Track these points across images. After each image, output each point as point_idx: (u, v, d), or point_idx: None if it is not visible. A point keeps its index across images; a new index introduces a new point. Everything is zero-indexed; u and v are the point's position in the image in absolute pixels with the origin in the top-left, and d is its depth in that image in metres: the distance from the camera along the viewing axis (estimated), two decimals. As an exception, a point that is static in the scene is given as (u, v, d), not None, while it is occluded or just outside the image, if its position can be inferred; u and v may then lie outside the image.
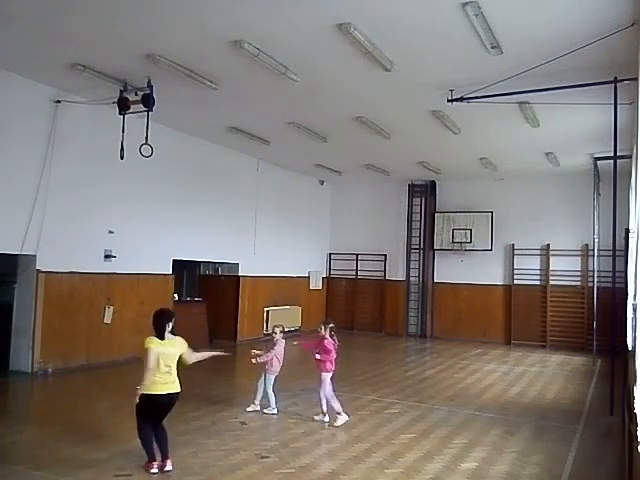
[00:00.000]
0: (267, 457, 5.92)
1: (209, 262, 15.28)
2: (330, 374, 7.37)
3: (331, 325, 7.60)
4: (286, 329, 8.00)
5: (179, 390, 5.49)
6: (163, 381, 5.35)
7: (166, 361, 5.38)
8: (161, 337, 5.42)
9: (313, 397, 8.53)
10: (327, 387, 7.29)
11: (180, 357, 5.55)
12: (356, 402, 8.50)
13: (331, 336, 7.49)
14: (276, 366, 7.67)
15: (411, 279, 18.03)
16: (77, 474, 5.29)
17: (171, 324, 5.53)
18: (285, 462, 5.78)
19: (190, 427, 6.87)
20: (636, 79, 7.02)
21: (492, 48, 7.44)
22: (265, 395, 7.65)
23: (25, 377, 9.53)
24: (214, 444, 6.27)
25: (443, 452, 6.30)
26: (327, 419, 7.28)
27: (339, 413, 7.26)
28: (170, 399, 5.44)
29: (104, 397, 8.34)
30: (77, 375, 9.88)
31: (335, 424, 7.16)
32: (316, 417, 7.37)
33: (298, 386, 9.05)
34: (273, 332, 7.88)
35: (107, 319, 10.83)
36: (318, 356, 7.35)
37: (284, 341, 7.86)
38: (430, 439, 6.78)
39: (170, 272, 12.59)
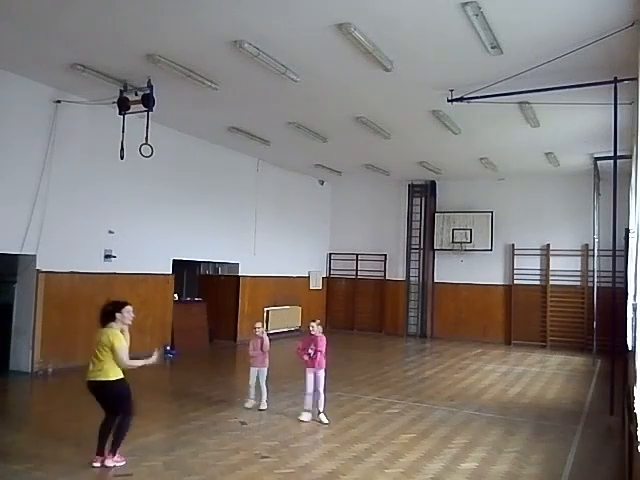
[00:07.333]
0: (267, 457, 5.91)
1: (209, 262, 15.28)
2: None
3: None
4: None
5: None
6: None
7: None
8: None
9: (313, 397, 8.52)
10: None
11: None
12: (356, 402, 8.50)
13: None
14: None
15: (411, 279, 18.03)
16: (77, 474, 5.29)
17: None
18: (285, 462, 5.78)
19: (190, 427, 6.88)
20: (636, 79, 7.02)
21: (492, 48, 7.44)
22: (259, 390, 7.77)
23: (25, 377, 9.53)
24: (214, 444, 6.27)
25: (443, 452, 6.29)
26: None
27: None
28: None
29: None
30: (77, 375, 9.81)
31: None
32: (323, 417, 7.32)
33: (298, 386, 9.03)
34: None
35: (107, 319, 10.81)
36: (318, 355, 7.38)
37: (265, 335, 7.92)
38: (430, 439, 6.78)
39: (170, 272, 12.60)
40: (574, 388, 10.34)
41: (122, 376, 5.54)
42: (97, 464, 5.43)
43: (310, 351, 7.34)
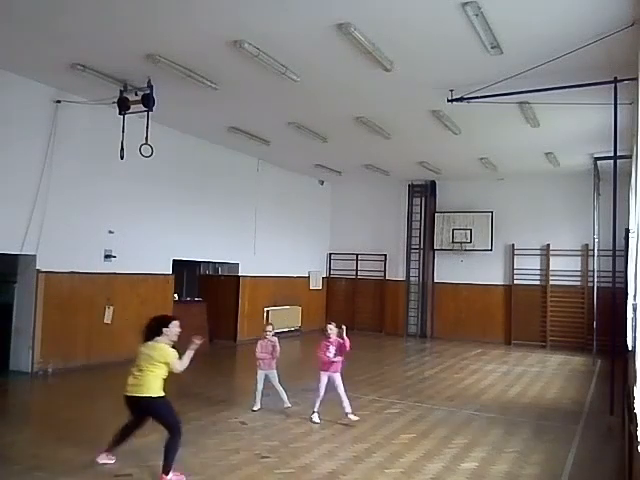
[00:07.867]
0: (267, 457, 5.92)
1: (209, 262, 15.28)
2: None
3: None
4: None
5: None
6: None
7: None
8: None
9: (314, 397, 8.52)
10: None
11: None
12: (356, 402, 8.47)
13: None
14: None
15: (411, 279, 18.03)
16: (77, 474, 5.29)
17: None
18: (285, 462, 5.78)
19: (190, 427, 6.85)
20: (636, 79, 7.02)
21: (492, 48, 7.44)
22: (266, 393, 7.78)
23: (25, 377, 9.53)
24: (214, 444, 6.27)
25: (443, 452, 6.29)
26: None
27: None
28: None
29: (104, 397, 8.31)
30: (77, 375, 9.87)
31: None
32: (352, 416, 7.32)
33: (299, 386, 9.04)
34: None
35: (107, 319, 10.83)
36: (339, 358, 7.42)
37: (277, 341, 7.90)
38: (430, 439, 6.78)
39: (170, 272, 12.60)
40: (574, 388, 10.34)
41: (163, 394, 5.35)
42: (100, 460, 5.45)
43: (329, 354, 7.39)
